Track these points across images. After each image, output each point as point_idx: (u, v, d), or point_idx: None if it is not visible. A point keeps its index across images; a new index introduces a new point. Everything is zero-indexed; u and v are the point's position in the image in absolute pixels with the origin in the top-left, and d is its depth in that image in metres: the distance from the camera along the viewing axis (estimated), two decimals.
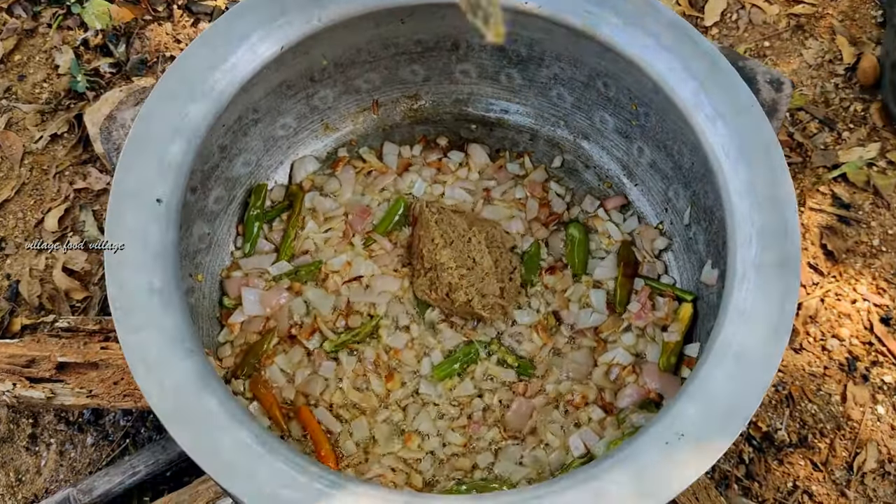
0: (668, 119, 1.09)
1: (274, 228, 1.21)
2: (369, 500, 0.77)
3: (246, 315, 1.14)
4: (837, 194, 1.68)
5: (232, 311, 1.15)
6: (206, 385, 0.80)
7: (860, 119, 1.76)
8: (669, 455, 0.78)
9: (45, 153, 1.72)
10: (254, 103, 1.11)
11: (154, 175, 0.90)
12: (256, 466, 0.77)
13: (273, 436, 0.79)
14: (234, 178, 1.16)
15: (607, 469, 0.79)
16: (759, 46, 1.85)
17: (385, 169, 1.29)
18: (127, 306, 0.84)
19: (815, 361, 1.53)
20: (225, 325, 1.14)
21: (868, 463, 1.44)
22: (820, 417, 1.48)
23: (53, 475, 1.45)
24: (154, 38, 1.81)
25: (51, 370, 1.32)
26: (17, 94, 1.76)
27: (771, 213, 0.88)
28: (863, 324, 1.55)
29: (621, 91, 1.15)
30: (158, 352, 0.81)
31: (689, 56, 0.98)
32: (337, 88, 1.22)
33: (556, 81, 1.21)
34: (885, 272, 1.60)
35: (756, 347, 0.82)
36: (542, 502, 0.77)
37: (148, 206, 0.88)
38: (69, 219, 1.65)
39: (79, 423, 1.48)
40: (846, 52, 1.82)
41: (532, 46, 1.17)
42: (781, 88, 1.20)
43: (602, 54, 1.08)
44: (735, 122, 0.94)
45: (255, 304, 1.14)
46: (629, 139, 1.21)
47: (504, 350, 1.15)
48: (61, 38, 1.81)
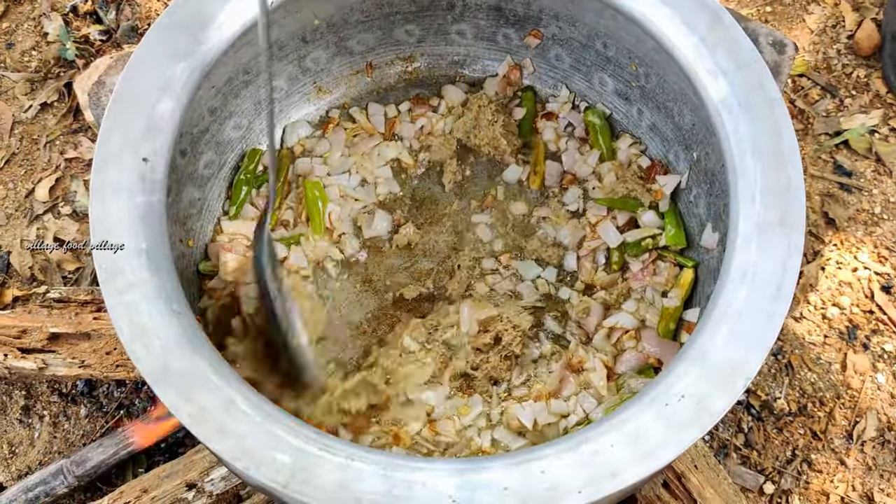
0: (668, 78, 1.07)
1: (261, 194, 1.19)
2: (360, 462, 0.75)
3: (222, 281, 1.11)
4: (839, 162, 1.66)
5: (210, 277, 1.12)
6: (194, 346, 0.79)
7: (863, 86, 1.73)
8: (669, 417, 0.77)
9: (34, 122, 1.69)
10: (244, 64, 1.08)
11: (140, 134, 0.88)
12: (245, 428, 0.75)
13: (262, 397, 0.77)
14: (224, 141, 1.14)
15: (605, 432, 0.78)
16: (761, 12, 1.81)
17: (373, 130, 1.26)
18: (112, 268, 0.81)
19: (814, 330, 1.51)
20: (205, 290, 1.11)
21: (868, 431, 1.43)
22: (819, 386, 1.47)
23: (47, 447, 1.44)
24: (144, 5, 1.77)
25: (42, 341, 1.31)
26: (5, 62, 1.73)
27: (775, 170, 0.86)
28: (863, 292, 1.54)
29: (621, 51, 1.12)
30: (144, 313, 0.79)
31: (690, 10, 0.96)
32: (329, 50, 1.19)
33: (554, 42, 1.18)
34: (887, 240, 1.58)
35: (758, 307, 0.80)
36: (538, 464, 0.75)
37: (133, 166, 0.86)
38: (60, 188, 1.63)
39: (72, 395, 1.47)
40: (849, 19, 1.79)
41: (529, 5, 1.14)
42: (784, 51, 1.18)
43: (601, 12, 1.05)
44: (737, 77, 0.92)
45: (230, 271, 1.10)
46: (629, 101, 1.19)
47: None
48: (50, 5, 1.77)
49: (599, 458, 0.75)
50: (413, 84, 1.28)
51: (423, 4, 1.16)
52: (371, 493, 0.74)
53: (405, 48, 1.24)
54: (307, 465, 0.74)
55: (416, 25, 1.20)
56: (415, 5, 1.16)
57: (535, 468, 0.75)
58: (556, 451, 0.77)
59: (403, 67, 1.27)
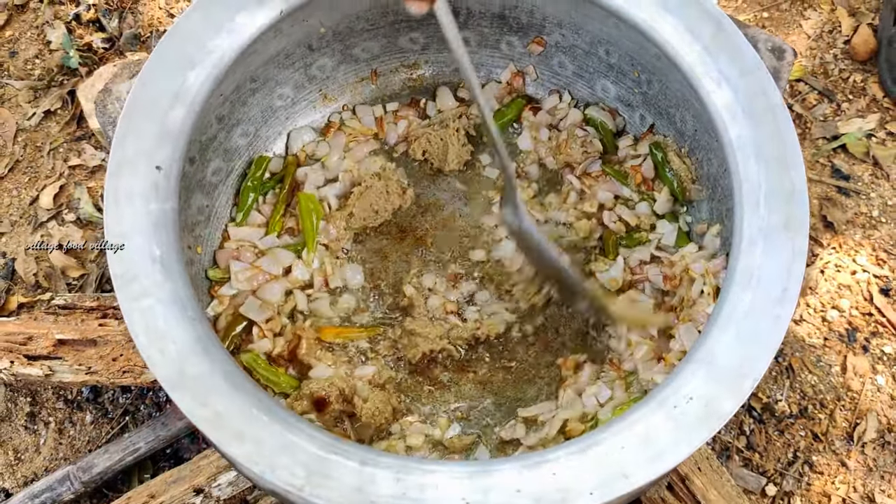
0: (671, 85, 1.08)
1: (267, 201, 1.19)
2: (372, 466, 0.76)
3: (234, 288, 1.12)
4: (837, 165, 1.68)
5: (219, 284, 1.13)
6: (209, 352, 0.79)
7: (859, 90, 1.75)
8: (678, 419, 0.78)
9: (38, 130, 1.70)
10: (251, 72, 1.09)
11: (153, 141, 0.89)
12: (261, 433, 0.76)
13: (277, 402, 0.78)
14: (232, 149, 1.15)
15: (615, 433, 0.79)
16: (758, 17, 1.83)
17: (368, 132, 1.26)
18: (128, 274, 0.82)
19: (815, 332, 1.53)
20: (215, 296, 1.12)
21: (868, 433, 1.44)
22: (820, 388, 1.48)
23: (53, 453, 1.44)
24: (147, 13, 1.78)
25: (48, 347, 1.31)
26: (8, 70, 1.74)
27: (779, 175, 0.87)
28: (862, 295, 1.55)
29: (623, 58, 1.13)
30: (160, 318, 0.80)
31: (693, 18, 0.97)
32: (335, 58, 1.20)
33: (558, 49, 1.20)
34: (885, 243, 1.60)
35: (764, 309, 0.81)
36: (550, 466, 0.76)
37: (147, 174, 0.87)
38: (64, 196, 1.64)
39: (78, 401, 1.47)
40: (845, 24, 1.81)
41: (533, 13, 1.15)
42: (783, 56, 1.19)
43: (605, 20, 1.06)
44: (740, 84, 0.93)
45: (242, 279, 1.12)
46: (631, 107, 1.20)
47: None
48: (53, 14, 1.78)
49: (610, 460, 0.76)
50: (417, 91, 1.29)
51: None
52: (385, 496, 0.75)
53: (409, 56, 1.25)
54: (322, 469, 0.75)
55: (421, 33, 1.21)
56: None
57: (547, 470, 0.76)
58: (567, 453, 0.78)
59: (408, 75, 1.28)
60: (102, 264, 1.56)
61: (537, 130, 1.24)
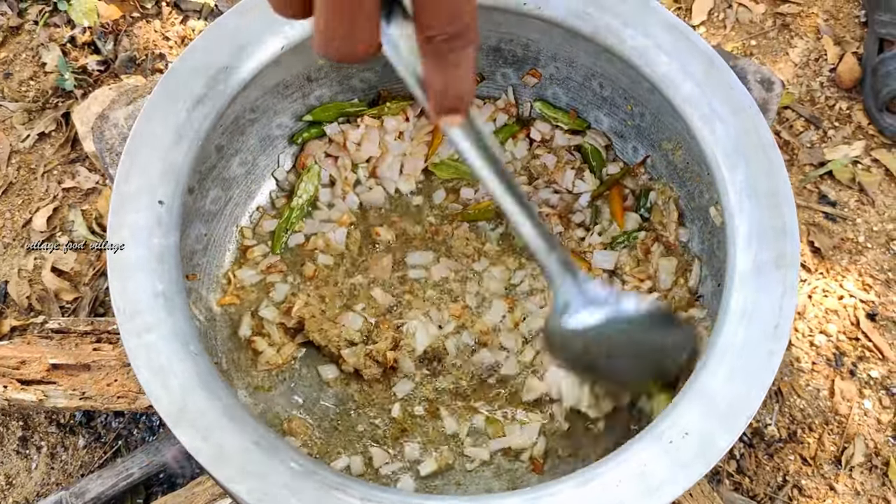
0: (663, 119, 1.10)
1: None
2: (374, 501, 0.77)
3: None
4: (823, 192, 1.71)
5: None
6: (211, 388, 0.80)
7: (845, 117, 1.78)
8: (674, 454, 0.79)
9: (32, 152, 1.70)
10: (251, 103, 1.10)
11: (157, 176, 0.90)
12: (263, 469, 0.77)
13: (281, 439, 0.79)
14: (230, 178, 1.16)
15: (611, 468, 0.80)
16: (745, 45, 1.87)
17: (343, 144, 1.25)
18: (130, 310, 0.83)
19: (803, 357, 1.55)
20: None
21: (856, 457, 1.46)
22: (808, 412, 1.50)
23: (45, 478, 1.44)
24: (142, 36, 1.79)
25: (42, 372, 1.31)
26: (3, 92, 1.74)
27: (770, 213, 0.89)
28: (849, 319, 1.58)
29: (617, 91, 1.15)
30: (162, 354, 0.81)
31: (686, 57, 0.99)
32: (333, 88, 1.21)
33: (552, 81, 1.21)
34: (871, 268, 1.63)
35: (758, 345, 0.83)
36: (550, 500, 0.77)
37: (150, 208, 0.88)
38: (57, 218, 1.64)
39: (70, 426, 1.47)
40: (831, 52, 1.84)
41: (528, 47, 1.17)
42: (772, 88, 1.22)
43: (598, 55, 1.08)
44: (732, 121, 0.95)
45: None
46: (623, 139, 1.22)
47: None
48: (48, 36, 1.79)
49: (608, 495, 0.77)
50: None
51: None
52: None
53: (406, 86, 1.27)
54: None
55: None
56: None
57: None
58: (566, 487, 0.79)
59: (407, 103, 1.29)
60: (96, 287, 1.57)
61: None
